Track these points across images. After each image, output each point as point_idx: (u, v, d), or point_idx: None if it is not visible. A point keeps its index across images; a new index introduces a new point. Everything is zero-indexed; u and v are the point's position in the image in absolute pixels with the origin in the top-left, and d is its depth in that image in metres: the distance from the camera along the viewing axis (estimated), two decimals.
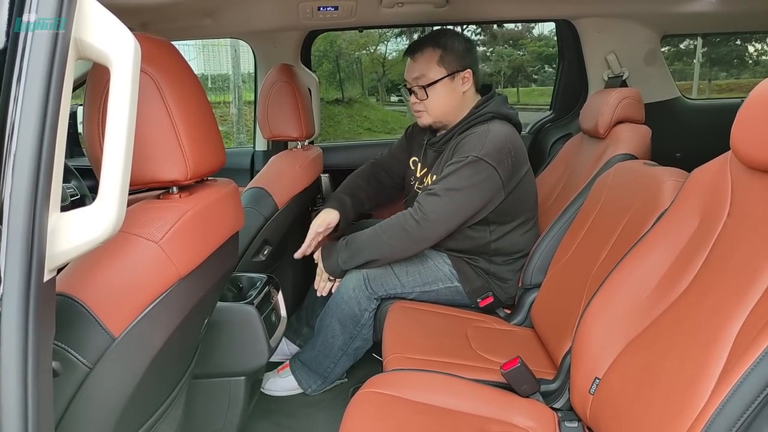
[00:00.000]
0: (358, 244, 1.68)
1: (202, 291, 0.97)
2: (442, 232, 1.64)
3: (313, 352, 1.82)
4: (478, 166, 1.60)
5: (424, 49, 1.75)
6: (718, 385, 0.80)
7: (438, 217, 1.61)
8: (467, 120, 1.74)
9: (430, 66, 1.74)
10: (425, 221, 1.61)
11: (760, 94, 0.93)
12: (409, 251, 1.67)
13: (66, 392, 0.77)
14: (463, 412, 1.19)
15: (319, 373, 1.82)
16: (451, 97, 1.76)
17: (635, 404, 0.96)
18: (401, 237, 1.64)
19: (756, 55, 9.90)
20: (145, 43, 0.84)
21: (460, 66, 1.75)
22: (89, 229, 0.64)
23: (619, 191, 1.47)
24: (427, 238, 1.64)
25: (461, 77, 1.75)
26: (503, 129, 1.68)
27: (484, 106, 1.75)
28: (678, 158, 2.32)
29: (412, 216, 1.63)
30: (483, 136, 1.65)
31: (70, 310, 0.76)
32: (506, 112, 1.75)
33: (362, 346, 1.77)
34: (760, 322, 0.80)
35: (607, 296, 1.16)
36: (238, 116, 8.34)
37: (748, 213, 0.96)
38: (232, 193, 1.07)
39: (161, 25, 1.98)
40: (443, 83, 1.74)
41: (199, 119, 0.92)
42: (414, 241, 1.64)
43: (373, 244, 1.66)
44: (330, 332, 1.75)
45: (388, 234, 1.65)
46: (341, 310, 1.72)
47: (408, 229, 1.62)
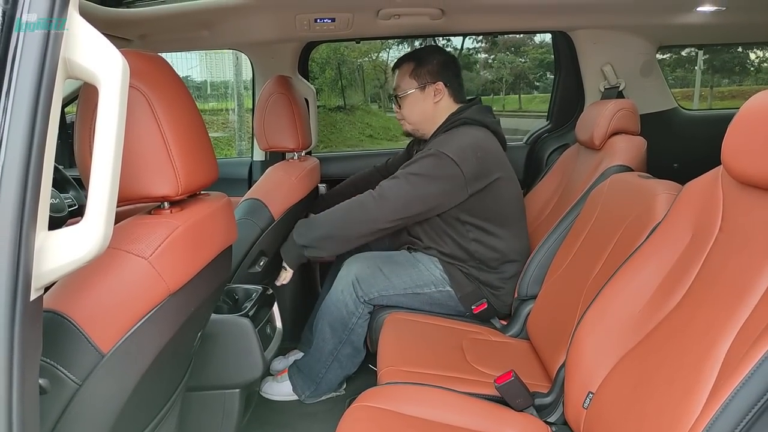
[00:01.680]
0: (315, 220, 1.74)
1: (194, 306, 0.97)
2: (397, 215, 1.68)
3: (307, 356, 1.85)
4: (439, 159, 1.68)
5: (402, 63, 1.92)
6: (709, 401, 0.80)
7: (393, 195, 1.67)
8: (444, 125, 1.84)
9: (403, 78, 1.91)
10: (381, 198, 1.67)
11: (750, 109, 0.93)
12: (364, 229, 1.70)
13: (54, 409, 0.77)
14: (457, 427, 1.18)
15: (312, 378, 1.83)
16: (422, 107, 1.88)
17: (628, 419, 0.96)
18: (356, 212, 1.69)
19: (758, 62, 9.91)
20: (136, 59, 0.85)
21: (432, 79, 1.87)
22: (76, 248, 0.64)
23: (613, 203, 1.47)
24: (381, 217, 1.68)
25: (433, 89, 1.87)
26: (473, 132, 1.76)
27: (459, 113, 1.84)
28: (676, 169, 2.32)
29: (370, 193, 1.70)
30: (450, 136, 1.75)
31: (58, 327, 0.76)
32: (481, 119, 1.80)
33: (353, 354, 1.78)
34: (750, 338, 0.80)
35: (600, 310, 1.16)
36: (240, 123, 8.36)
37: (738, 228, 0.96)
38: (225, 206, 1.07)
39: (160, 36, 1.99)
40: (414, 95, 1.89)
41: (190, 134, 0.93)
42: (368, 219, 1.68)
43: (328, 219, 1.72)
44: (321, 336, 1.78)
45: (345, 209, 1.71)
46: (330, 313, 1.75)
47: (364, 203, 1.69)
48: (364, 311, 1.75)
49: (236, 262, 1.69)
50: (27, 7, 0.62)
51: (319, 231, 1.70)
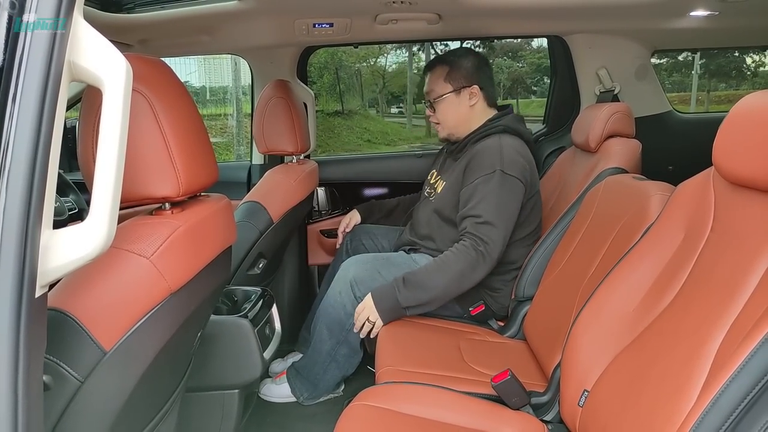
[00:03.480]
0: (421, 282, 1.64)
1: (194, 305, 0.99)
2: (501, 254, 1.68)
3: (305, 358, 1.86)
4: (506, 179, 1.69)
5: (435, 67, 1.92)
6: (700, 396, 0.82)
7: (495, 242, 1.65)
8: (480, 131, 1.83)
9: (438, 82, 1.90)
10: (487, 253, 1.64)
11: (739, 111, 0.95)
12: (476, 281, 1.67)
13: (57, 406, 0.78)
14: (454, 425, 1.20)
15: (310, 379, 1.84)
16: (458, 110, 1.89)
17: (622, 416, 0.97)
18: (467, 274, 1.64)
19: (754, 66, 9.98)
20: (139, 63, 0.87)
21: (467, 82, 1.87)
22: (80, 246, 0.66)
23: (608, 205, 1.49)
24: (492, 262, 1.66)
25: (468, 92, 1.87)
26: (515, 143, 1.77)
27: (497, 119, 1.84)
28: (670, 171, 2.34)
29: (474, 248, 1.64)
30: (498, 148, 1.73)
31: (61, 325, 0.77)
32: (518, 128, 1.81)
33: (351, 355, 1.79)
34: (741, 335, 0.81)
35: (595, 309, 1.18)
36: (238, 128, 8.39)
37: (729, 228, 0.98)
38: (225, 208, 1.09)
39: (160, 41, 2.01)
40: (449, 98, 1.88)
41: (191, 136, 0.94)
42: (479, 276, 1.66)
43: (437, 283, 1.63)
44: (318, 337, 1.78)
45: (452, 272, 1.63)
46: (328, 315, 1.76)
47: (474, 265, 1.64)
48: None
49: (235, 264, 1.70)
50: (33, 11, 0.63)
51: (429, 294, 1.64)
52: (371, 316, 1.64)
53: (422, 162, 2.59)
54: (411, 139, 11.09)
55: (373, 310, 1.63)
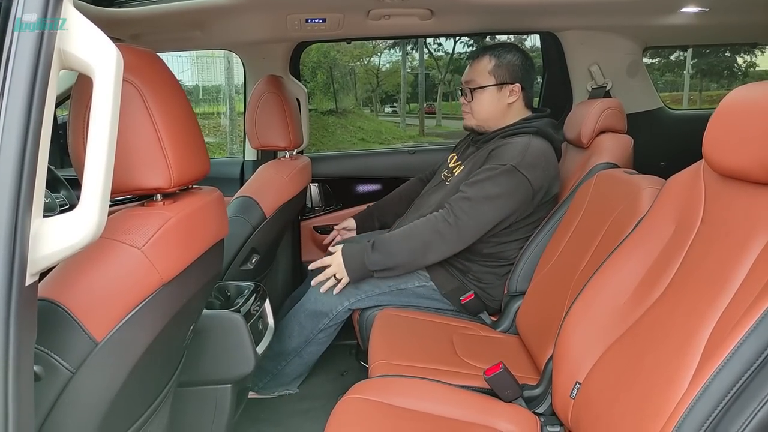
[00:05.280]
0: (387, 246, 1.66)
1: (186, 297, 0.99)
2: (474, 237, 1.67)
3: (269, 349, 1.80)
4: (514, 176, 1.65)
5: (481, 57, 1.86)
6: (690, 386, 0.82)
7: (471, 220, 1.64)
8: (512, 127, 1.81)
9: (481, 72, 1.85)
10: (458, 224, 1.64)
11: (729, 103, 0.96)
12: (441, 255, 1.68)
13: (48, 397, 0.78)
14: (447, 417, 1.20)
15: (269, 370, 1.84)
16: (495, 105, 1.85)
17: (614, 407, 0.98)
18: (434, 241, 1.65)
19: (745, 66, 10.06)
20: (130, 54, 0.87)
21: (511, 79, 1.83)
22: (71, 235, 0.66)
23: (600, 199, 1.50)
24: (461, 242, 1.66)
25: (509, 89, 1.83)
26: (543, 146, 1.74)
27: (532, 120, 1.82)
28: (662, 167, 2.36)
29: (444, 219, 1.65)
30: (524, 147, 1.70)
31: (53, 315, 0.77)
32: (550, 133, 1.79)
33: (317, 350, 1.80)
34: (730, 325, 0.82)
35: (587, 302, 1.18)
36: (231, 127, 8.36)
37: (719, 219, 0.98)
38: (217, 200, 1.08)
39: (152, 36, 2.00)
40: (490, 91, 1.84)
41: (183, 128, 0.94)
42: (447, 247, 1.66)
43: (404, 247, 1.66)
44: (288, 332, 1.78)
45: (420, 236, 1.65)
46: (305, 311, 1.76)
47: (441, 231, 1.65)
48: (342, 315, 1.76)
49: (228, 259, 1.70)
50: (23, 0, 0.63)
51: (394, 259, 1.65)
52: (338, 273, 1.67)
53: (415, 158, 2.59)
54: (405, 138, 11.11)
55: (341, 268, 1.66)
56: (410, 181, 2.26)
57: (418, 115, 11.73)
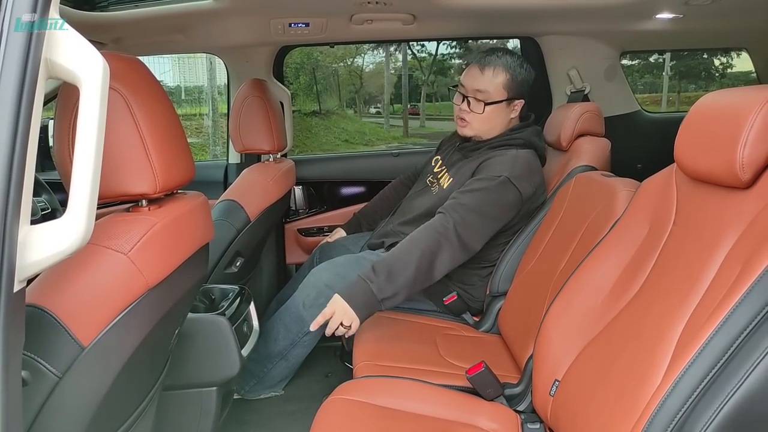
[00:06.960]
0: (391, 267, 1.51)
1: (172, 301, 1.00)
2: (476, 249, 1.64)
3: (254, 352, 1.75)
4: (508, 188, 1.66)
5: (497, 68, 1.79)
6: (663, 381, 0.85)
7: (474, 232, 1.61)
8: (501, 138, 1.81)
9: (496, 86, 1.79)
10: (461, 239, 1.59)
11: (699, 110, 1.00)
12: (448, 268, 1.59)
13: (35, 401, 0.78)
14: (430, 416, 1.22)
15: (255, 373, 1.84)
16: (500, 119, 1.83)
17: (591, 404, 1.01)
18: (442, 255, 1.56)
19: (722, 68, 10.28)
20: (115, 61, 0.87)
21: (519, 95, 1.83)
22: (58, 241, 0.67)
23: (578, 201, 1.54)
24: (466, 255, 1.62)
25: (514, 105, 1.83)
26: (529, 157, 1.75)
27: (520, 130, 1.82)
28: (639, 169, 2.41)
29: (445, 231, 1.58)
30: (514, 160, 1.71)
31: (39, 321, 0.77)
32: (537, 143, 1.81)
33: (303, 353, 1.80)
34: (700, 322, 0.85)
35: (565, 302, 1.22)
36: (214, 128, 8.31)
37: (691, 221, 1.02)
38: (202, 205, 1.09)
39: (134, 40, 2.00)
40: (500, 106, 1.81)
41: (167, 134, 0.95)
42: (454, 261, 1.60)
43: (409, 265, 1.51)
44: (274, 336, 1.79)
45: (424, 251, 1.54)
46: (290, 315, 1.76)
47: (448, 249, 1.57)
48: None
49: (213, 262, 1.70)
50: (9, 9, 0.64)
51: (402, 279, 1.50)
52: (345, 319, 1.47)
53: (399, 161, 2.62)
54: (388, 139, 11.11)
55: (346, 311, 1.47)
56: (393, 183, 2.27)
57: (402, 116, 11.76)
